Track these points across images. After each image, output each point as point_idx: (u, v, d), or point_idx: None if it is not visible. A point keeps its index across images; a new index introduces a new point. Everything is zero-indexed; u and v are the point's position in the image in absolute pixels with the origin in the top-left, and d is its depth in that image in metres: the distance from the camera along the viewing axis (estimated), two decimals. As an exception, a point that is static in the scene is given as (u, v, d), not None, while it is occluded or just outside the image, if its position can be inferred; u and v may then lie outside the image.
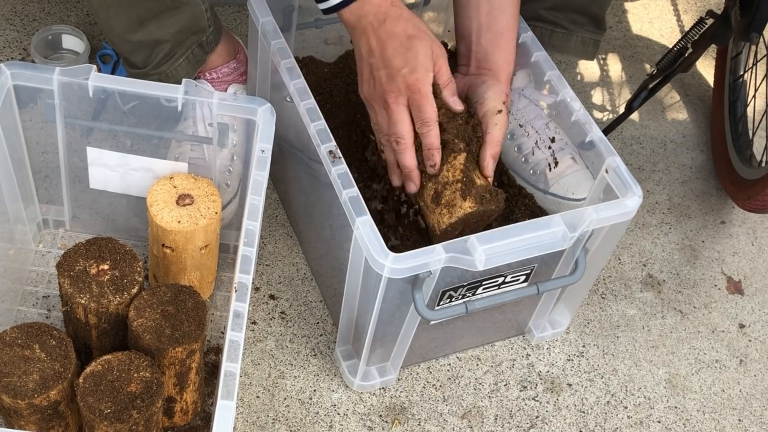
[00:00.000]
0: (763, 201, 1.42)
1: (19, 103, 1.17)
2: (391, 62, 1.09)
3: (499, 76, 1.20)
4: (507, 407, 1.30)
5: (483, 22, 1.20)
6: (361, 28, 1.10)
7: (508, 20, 1.20)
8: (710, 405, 1.35)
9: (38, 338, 1.05)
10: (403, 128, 1.11)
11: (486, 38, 1.21)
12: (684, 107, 1.73)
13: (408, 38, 1.08)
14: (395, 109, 1.10)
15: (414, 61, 1.08)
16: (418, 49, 1.08)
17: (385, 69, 1.09)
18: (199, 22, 1.25)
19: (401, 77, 1.09)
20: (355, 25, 1.10)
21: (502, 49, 1.20)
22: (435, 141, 1.11)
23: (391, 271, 1.04)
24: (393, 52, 1.09)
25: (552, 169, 1.30)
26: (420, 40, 1.09)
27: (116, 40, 1.23)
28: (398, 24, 1.09)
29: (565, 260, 1.19)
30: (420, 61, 1.08)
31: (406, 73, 1.08)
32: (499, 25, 1.20)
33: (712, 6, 1.90)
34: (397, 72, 1.09)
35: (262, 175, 1.14)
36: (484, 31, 1.21)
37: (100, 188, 1.26)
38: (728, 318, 1.45)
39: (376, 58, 1.10)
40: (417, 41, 1.08)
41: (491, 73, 1.20)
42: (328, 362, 1.30)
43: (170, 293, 1.10)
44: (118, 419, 1.00)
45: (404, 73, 1.08)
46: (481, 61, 1.21)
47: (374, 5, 1.08)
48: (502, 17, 1.20)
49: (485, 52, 1.21)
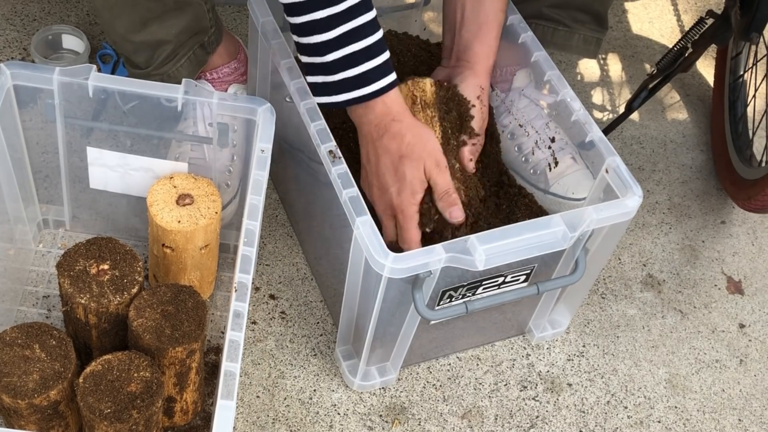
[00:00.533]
0: (763, 201, 1.42)
1: (19, 103, 1.17)
2: (382, 178, 1.12)
3: (476, 67, 1.20)
4: (507, 407, 1.30)
5: (466, 14, 1.21)
6: (364, 134, 1.13)
7: (490, 12, 1.21)
8: (710, 405, 1.35)
9: (38, 338, 1.05)
10: (389, 236, 1.15)
11: (467, 30, 1.21)
12: (684, 107, 1.73)
13: (400, 158, 1.11)
14: (385, 221, 1.15)
15: (402, 182, 1.11)
16: (406, 170, 1.10)
17: (377, 182, 1.13)
18: (201, 22, 1.25)
19: (389, 196, 1.12)
20: (359, 127, 1.14)
21: (481, 40, 1.21)
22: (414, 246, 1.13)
23: (391, 271, 1.04)
24: (384, 169, 1.12)
25: (552, 169, 1.30)
26: (410, 160, 1.10)
27: (119, 40, 1.23)
28: (394, 140, 1.10)
29: (565, 260, 1.19)
30: (407, 182, 1.11)
31: (393, 193, 1.12)
32: (480, 17, 1.21)
33: (712, 6, 1.90)
34: (386, 190, 1.12)
35: (262, 175, 1.14)
36: (465, 22, 1.22)
37: (100, 188, 1.26)
38: (728, 318, 1.45)
39: (371, 168, 1.14)
40: (407, 161, 1.10)
41: (468, 65, 1.21)
42: (328, 362, 1.30)
43: (170, 293, 1.10)
44: (118, 419, 1.00)
45: (392, 192, 1.12)
46: (461, 52, 1.22)
47: (377, 116, 1.11)
48: (483, 9, 1.21)
49: (465, 44, 1.22)
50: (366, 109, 1.10)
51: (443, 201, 1.12)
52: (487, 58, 1.21)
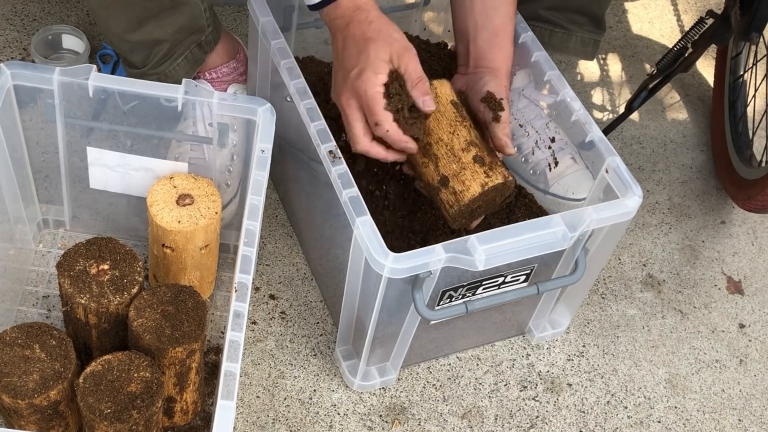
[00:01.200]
0: (763, 201, 1.42)
1: (19, 103, 1.17)
2: (345, 63, 1.10)
3: (498, 72, 1.20)
4: (507, 407, 1.30)
5: (478, 22, 1.21)
6: (333, 31, 1.12)
7: (503, 18, 1.21)
8: (710, 405, 1.35)
9: (38, 338, 1.05)
10: (356, 130, 1.10)
11: (482, 38, 1.21)
12: (684, 107, 1.73)
13: (364, 41, 1.09)
14: (347, 111, 1.10)
15: (365, 62, 1.08)
16: (369, 51, 1.08)
17: (341, 71, 1.11)
18: (197, 21, 1.25)
19: (350, 79, 1.09)
20: (329, 26, 1.13)
21: (498, 47, 1.21)
22: (396, 136, 1.09)
23: (391, 271, 1.04)
24: (348, 53, 1.09)
25: (552, 169, 1.30)
26: (376, 42, 1.08)
27: (115, 40, 1.24)
28: (359, 27, 1.09)
29: (565, 260, 1.19)
30: (370, 62, 1.08)
31: (354, 75, 1.09)
32: (494, 23, 1.20)
33: (712, 6, 1.90)
34: (348, 73, 1.09)
35: (262, 175, 1.14)
36: (479, 30, 1.21)
37: (100, 188, 1.26)
38: (728, 318, 1.45)
39: (337, 60, 1.12)
40: (372, 43, 1.08)
41: (489, 70, 1.20)
42: (328, 362, 1.30)
43: (170, 293, 1.10)
44: (118, 419, 1.00)
45: (353, 74, 1.09)
46: (479, 60, 1.21)
47: (342, 9, 1.10)
48: (496, 16, 1.20)
49: (482, 52, 1.21)
50: (334, 6, 1.10)
51: (417, 89, 1.09)
52: (506, 63, 1.21)
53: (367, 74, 1.07)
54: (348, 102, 1.10)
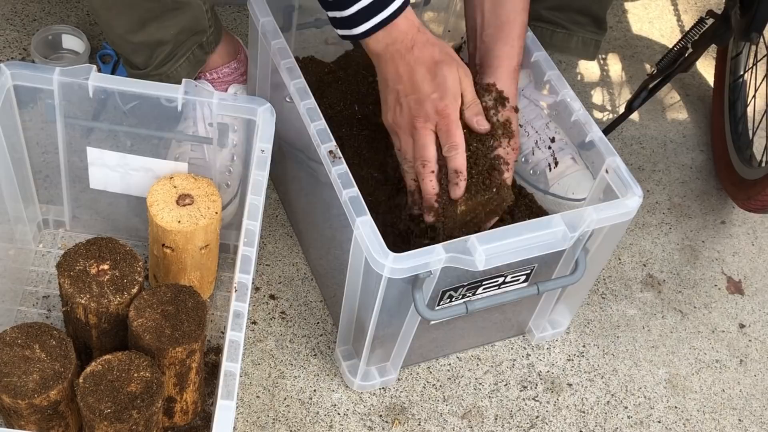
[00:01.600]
0: (763, 201, 1.42)
1: (19, 103, 1.17)
2: (419, 88, 1.09)
3: (499, 71, 1.19)
4: (507, 407, 1.30)
5: (486, 16, 1.20)
6: (389, 56, 1.10)
7: (511, 13, 1.19)
8: (710, 405, 1.35)
9: (38, 338, 1.05)
10: (429, 152, 1.11)
11: (487, 32, 1.20)
12: (684, 107, 1.73)
13: (435, 64, 1.09)
14: (423, 134, 1.11)
15: (443, 86, 1.09)
16: (446, 75, 1.09)
17: (414, 95, 1.10)
18: (200, 22, 1.25)
19: (430, 102, 1.09)
20: (382, 53, 1.10)
21: (503, 42, 1.19)
22: (462, 165, 1.11)
23: (391, 271, 1.04)
24: (422, 78, 1.09)
25: (552, 169, 1.30)
26: (447, 65, 1.09)
27: (117, 40, 1.23)
28: (426, 50, 1.09)
29: (565, 260, 1.19)
30: (449, 86, 1.09)
31: (436, 99, 1.09)
32: (500, 18, 1.19)
33: (712, 6, 1.90)
34: (426, 97, 1.09)
35: (262, 175, 1.14)
36: (486, 25, 1.20)
37: (100, 188, 1.26)
38: (728, 318, 1.45)
39: (404, 84, 1.10)
40: (444, 66, 1.09)
41: (491, 70, 1.19)
42: (328, 362, 1.30)
43: (170, 293, 1.10)
44: (118, 419, 1.00)
45: (434, 98, 1.09)
46: (484, 56, 1.20)
47: (402, 32, 1.09)
48: (503, 11, 1.19)
49: (487, 47, 1.20)
50: (389, 30, 1.08)
51: (470, 110, 1.11)
52: (510, 59, 1.19)
53: (449, 99, 1.09)
54: (425, 125, 1.11)
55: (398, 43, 1.09)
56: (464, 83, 1.11)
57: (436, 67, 1.09)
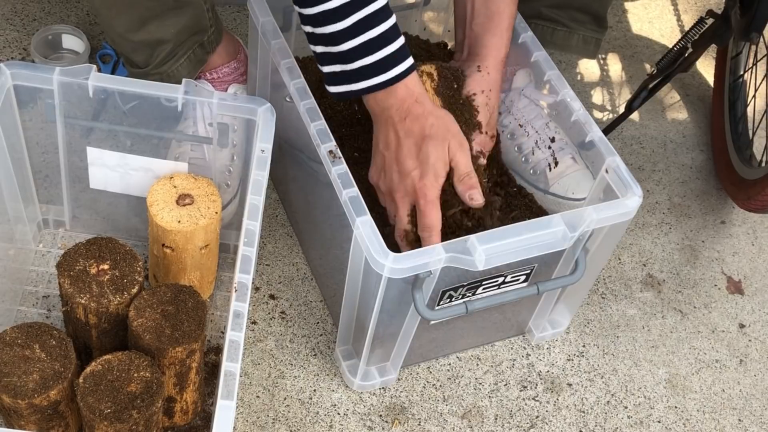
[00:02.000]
0: (763, 201, 1.42)
1: (19, 103, 1.17)
2: (403, 162, 1.09)
3: (486, 60, 1.19)
4: (507, 407, 1.30)
5: (476, 6, 1.20)
6: (383, 119, 1.10)
7: (500, 3, 1.19)
8: (710, 405, 1.35)
9: (38, 338, 1.05)
10: (405, 226, 1.12)
11: (477, 22, 1.20)
12: (684, 107, 1.73)
13: (423, 139, 1.08)
14: (401, 207, 1.11)
15: (425, 164, 1.08)
16: (429, 151, 1.08)
17: (397, 166, 1.10)
18: (200, 22, 1.25)
19: (410, 179, 1.09)
20: (378, 114, 1.11)
21: (492, 33, 1.19)
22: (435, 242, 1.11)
23: (391, 271, 1.04)
24: (407, 151, 1.09)
25: (552, 169, 1.30)
26: (434, 141, 1.08)
27: (118, 39, 1.23)
28: (417, 122, 1.08)
29: (565, 260, 1.19)
30: (431, 164, 1.08)
31: (416, 177, 1.09)
32: (491, 8, 1.19)
33: (712, 6, 1.90)
34: (408, 174, 1.09)
35: (262, 175, 1.14)
36: (476, 15, 1.20)
37: (100, 188, 1.26)
38: (728, 318, 1.45)
39: (390, 153, 1.10)
40: (431, 142, 1.08)
41: (478, 58, 1.19)
42: (328, 362, 1.30)
43: (170, 293, 1.10)
44: (118, 419, 1.00)
45: (414, 176, 1.09)
46: (472, 46, 1.21)
47: (398, 99, 1.08)
48: (494, 2, 1.19)
49: (475, 37, 1.20)
50: (387, 94, 1.08)
51: (463, 183, 1.10)
52: (497, 50, 1.19)
53: (429, 179, 1.08)
54: (403, 200, 1.11)
55: (393, 110, 1.09)
56: (457, 157, 1.09)
57: (423, 142, 1.08)
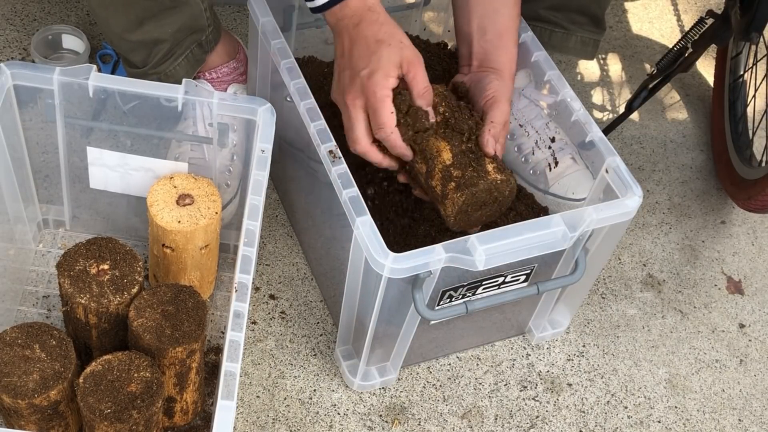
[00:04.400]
0: (763, 201, 1.42)
1: (19, 103, 1.17)
2: (354, 63, 1.09)
3: (503, 73, 1.20)
4: (507, 407, 1.30)
5: (482, 24, 1.21)
6: (338, 30, 1.11)
7: (507, 20, 1.21)
8: (710, 405, 1.35)
9: (38, 338, 1.05)
10: (358, 131, 1.11)
11: (486, 39, 1.21)
12: (684, 107, 1.73)
13: (376, 42, 1.08)
14: (352, 111, 1.10)
15: (376, 64, 1.07)
16: (382, 53, 1.08)
17: (349, 70, 1.10)
18: (198, 21, 1.25)
19: (359, 79, 1.08)
20: (334, 26, 1.11)
21: (503, 48, 1.21)
22: (396, 142, 1.10)
23: (391, 271, 1.04)
24: (358, 53, 1.09)
25: (552, 169, 1.30)
26: (388, 46, 1.08)
27: (115, 39, 1.24)
28: (370, 27, 1.09)
29: (565, 260, 1.19)
30: (382, 64, 1.07)
31: (365, 75, 1.08)
32: (498, 25, 1.20)
33: (712, 6, 1.90)
34: (357, 73, 1.09)
35: (262, 175, 1.14)
36: (483, 32, 1.21)
37: (100, 188, 1.26)
38: (728, 318, 1.45)
39: (344, 59, 1.10)
40: (384, 46, 1.08)
41: (494, 71, 1.20)
42: (328, 362, 1.30)
43: (170, 293, 1.10)
44: (118, 419, 1.00)
45: (363, 75, 1.08)
46: (483, 61, 1.21)
47: (351, 9, 1.09)
48: (500, 18, 1.20)
49: (486, 53, 1.21)
50: (342, 5, 1.09)
51: (423, 98, 1.09)
52: (510, 64, 1.21)
53: (378, 76, 1.07)
54: (353, 102, 1.09)
55: (347, 19, 1.09)
56: (413, 68, 1.09)
57: (376, 45, 1.08)
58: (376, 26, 1.09)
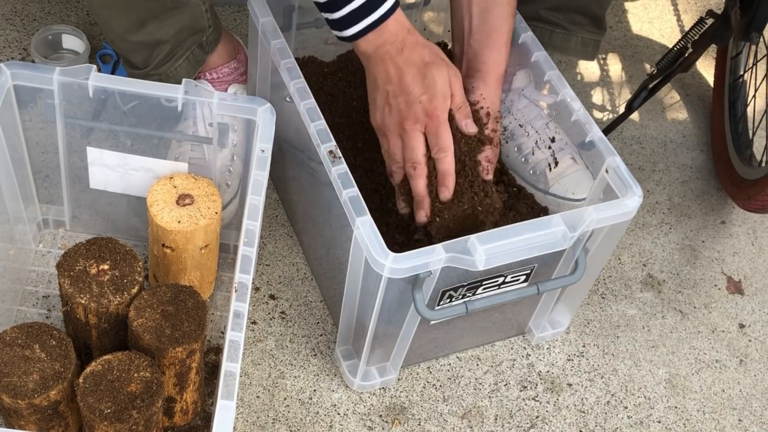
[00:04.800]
0: (763, 201, 1.42)
1: (19, 103, 1.17)
2: (409, 89, 1.10)
3: (487, 77, 1.20)
4: (507, 407, 1.30)
5: (474, 23, 1.21)
6: (379, 57, 1.10)
7: (499, 19, 1.20)
8: (710, 405, 1.35)
9: (38, 338, 1.05)
10: (419, 154, 1.12)
11: (475, 38, 1.21)
12: (684, 107, 1.73)
13: (425, 65, 1.09)
14: (412, 135, 1.11)
15: (432, 88, 1.09)
16: (435, 76, 1.09)
17: (404, 96, 1.10)
18: (199, 22, 1.25)
19: (420, 104, 1.09)
20: (372, 54, 1.11)
21: (491, 49, 1.20)
22: (450, 167, 1.11)
23: (391, 271, 1.04)
24: (411, 79, 1.09)
25: (552, 169, 1.30)
26: (437, 67, 1.09)
27: (116, 40, 1.23)
28: (416, 51, 1.09)
29: (565, 260, 1.19)
30: (438, 88, 1.09)
31: (425, 101, 1.09)
32: (489, 24, 1.20)
33: (712, 6, 1.90)
34: (416, 99, 1.09)
35: (262, 175, 1.14)
36: (474, 31, 1.21)
37: (100, 188, 1.26)
38: (728, 318, 1.45)
39: (393, 86, 1.10)
40: (434, 68, 1.09)
41: (479, 75, 1.20)
42: (328, 362, 1.30)
43: (170, 293, 1.10)
44: (118, 419, 1.00)
45: (423, 100, 1.09)
46: (471, 61, 1.21)
47: (392, 34, 1.09)
48: (492, 16, 1.20)
49: (474, 53, 1.21)
50: (379, 32, 1.09)
51: (460, 112, 1.11)
52: (497, 66, 1.20)
53: (439, 100, 1.09)
54: (413, 126, 1.11)
55: (388, 45, 1.09)
56: (454, 85, 1.11)
57: (426, 68, 1.09)
58: (419, 49, 1.10)
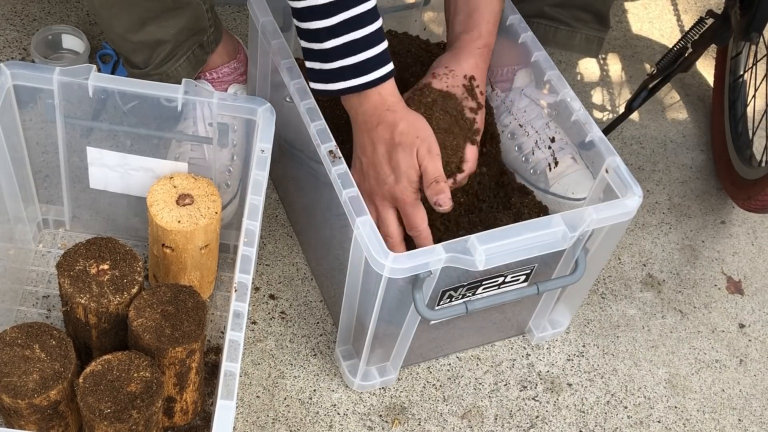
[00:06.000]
0: (763, 201, 1.42)
1: (19, 103, 1.17)
2: (378, 169, 1.11)
3: (459, 53, 1.20)
4: (507, 407, 1.30)
5: (458, 5, 1.22)
6: (359, 124, 1.12)
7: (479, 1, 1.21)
8: (710, 405, 1.35)
9: (38, 338, 1.05)
10: (389, 228, 1.13)
11: (457, 20, 1.22)
12: (684, 107, 1.73)
13: (393, 146, 1.10)
14: (382, 210, 1.13)
15: (397, 171, 1.10)
16: (399, 159, 1.09)
17: (374, 172, 1.12)
18: (200, 22, 1.25)
19: (387, 186, 1.11)
20: (354, 117, 1.13)
21: (469, 27, 1.21)
22: (426, 241, 1.13)
23: (391, 271, 1.04)
24: (380, 158, 1.11)
25: (552, 169, 1.30)
26: (403, 149, 1.09)
27: (117, 40, 1.23)
28: (387, 130, 1.10)
29: (565, 260, 1.19)
30: (402, 171, 1.10)
31: (392, 182, 1.11)
32: (470, 5, 1.21)
33: (712, 6, 1.90)
34: (384, 180, 1.11)
35: (262, 175, 1.14)
36: (457, 12, 1.22)
37: (100, 188, 1.26)
38: (728, 318, 1.45)
39: (367, 159, 1.12)
40: (400, 150, 1.09)
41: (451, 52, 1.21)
42: (328, 362, 1.30)
43: (170, 293, 1.10)
44: (118, 419, 1.00)
45: (390, 182, 1.11)
46: (452, 43, 1.22)
47: (371, 106, 1.10)
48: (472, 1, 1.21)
49: (455, 35, 1.22)
50: (361, 98, 1.10)
51: (431, 189, 1.10)
52: (472, 41, 1.20)
53: (403, 184, 1.10)
54: (383, 203, 1.13)
55: (367, 116, 1.11)
56: (425, 162, 1.10)
57: (393, 149, 1.10)
58: (392, 127, 1.10)
